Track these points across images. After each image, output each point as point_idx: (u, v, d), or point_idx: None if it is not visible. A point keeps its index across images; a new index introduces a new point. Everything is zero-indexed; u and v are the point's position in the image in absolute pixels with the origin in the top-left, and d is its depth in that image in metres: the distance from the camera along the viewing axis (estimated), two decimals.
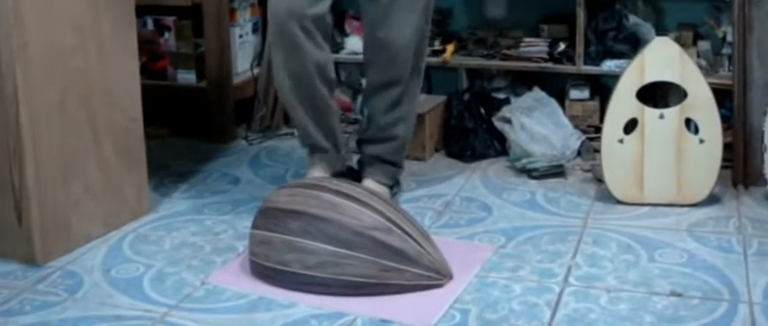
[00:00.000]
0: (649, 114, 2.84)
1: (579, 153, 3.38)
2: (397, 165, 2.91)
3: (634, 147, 2.86)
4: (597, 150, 3.33)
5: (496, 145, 3.42)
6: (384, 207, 2.43)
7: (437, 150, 3.49)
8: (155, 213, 2.93)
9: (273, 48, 2.68)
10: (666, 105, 2.90)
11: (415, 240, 2.38)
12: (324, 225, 2.35)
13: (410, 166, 3.29)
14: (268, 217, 2.43)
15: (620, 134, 2.87)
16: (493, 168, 3.32)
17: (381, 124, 2.84)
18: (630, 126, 2.86)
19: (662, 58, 2.81)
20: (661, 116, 2.83)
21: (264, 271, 2.42)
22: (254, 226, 2.46)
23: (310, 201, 2.40)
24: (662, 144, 2.84)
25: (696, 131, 2.85)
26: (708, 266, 2.48)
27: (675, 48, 2.83)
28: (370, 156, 2.88)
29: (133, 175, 2.85)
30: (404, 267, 2.34)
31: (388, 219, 2.39)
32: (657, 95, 2.95)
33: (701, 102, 2.81)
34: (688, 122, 2.85)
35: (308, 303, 2.32)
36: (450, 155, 3.44)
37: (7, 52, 2.42)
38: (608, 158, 2.90)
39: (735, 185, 3.04)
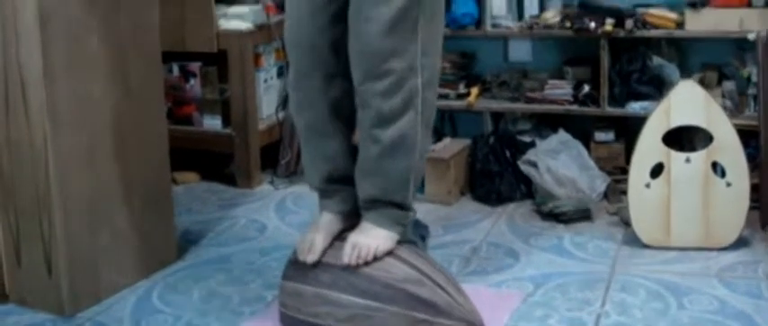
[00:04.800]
0: (675, 158, 2.84)
1: (606, 195, 3.37)
2: (398, 205, 2.45)
3: (661, 191, 2.86)
4: (623, 193, 3.32)
5: (522, 188, 3.42)
6: (414, 258, 2.43)
7: (463, 194, 3.49)
8: (182, 262, 2.94)
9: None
10: (693, 149, 2.89)
11: (445, 291, 2.38)
12: (354, 278, 2.36)
13: (437, 211, 3.31)
14: (297, 268, 2.43)
15: (647, 178, 2.86)
16: (519, 212, 3.32)
17: (367, 152, 2.40)
18: (657, 170, 2.86)
19: (687, 101, 2.82)
20: (687, 160, 2.83)
21: (295, 323, 2.42)
22: (285, 277, 2.46)
23: (339, 253, 2.40)
24: (689, 188, 2.84)
25: (723, 174, 2.84)
26: (737, 313, 2.46)
27: (700, 91, 2.83)
28: (363, 198, 2.45)
29: (161, 223, 2.87)
30: (435, 320, 2.34)
31: (419, 270, 2.39)
32: (684, 138, 2.95)
33: (728, 145, 2.81)
34: (714, 165, 2.84)
35: None
36: (477, 198, 3.44)
37: (36, 103, 2.45)
38: (635, 203, 2.89)
39: (763, 226, 3.03)
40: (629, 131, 3.47)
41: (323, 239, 2.44)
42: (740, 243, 2.88)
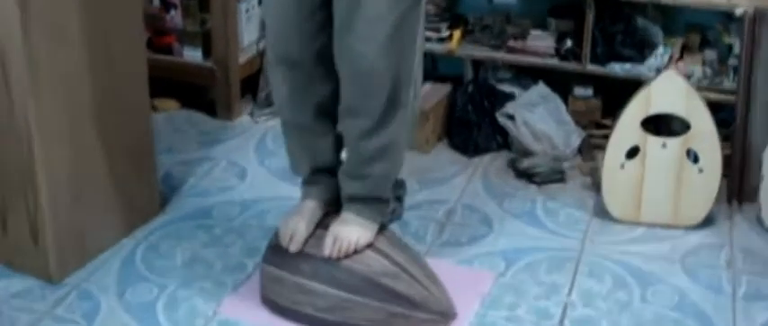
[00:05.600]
0: (652, 143, 2.90)
1: (580, 151, 3.44)
2: (380, 199, 2.52)
3: (635, 172, 2.94)
4: (597, 147, 3.41)
5: (499, 139, 3.48)
6: (391, 249, 2.51)
7: (440, 140, 3.54)
8: (164, 215, 3.00)
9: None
10: (669, 133, 2.96)
11: (421, 285, 2.48)
12: (335, 270, 2.44)
13: (412, 160, 3.34)
14: (279, 254, 2.51)
15: (623, 159, 2.94)
16: (494, 166, 3.39)
17: (354, 159, 2.45)
18: (633, 152, 2.93)
19: (668, 91, 2.86)
20: (663, 145, 2.90)
21: (276, 306, 2.52)
22: (266, 261, 2.54)
23: (320, 243, 2.48)
24: (662, 171, 2.92)
25: (696, 160, 2.92)
26: (698, 312, 2.59)
27: (682, 82, 2.87)
28: (347, 195, 2.51)
29: (144, 182, 2.92)
30: (410, 313, 2.44)
31: (396, 263, 2.48)
32: (662, 123, 3.00)
33: (704, 134, 2.88)
34: (688, 151, 2.91)
35: None
36: (453, 147, 3.50)
37: (17, 75, 2.43)
38: (608, 181, 2.97)
39: (729, 200, 3.13)
40: (608, 87, 3.51)
41: (305, 227, 2.51)
42: (706, 222, 2.99)
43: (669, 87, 2.86)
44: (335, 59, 2.30)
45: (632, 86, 3.06)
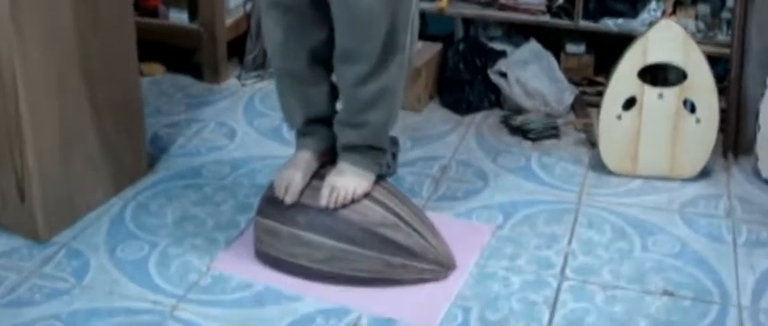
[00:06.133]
0: (649, 93, 2.86)
1: (573, 108, 3.40)
2: (376, 148, 2.46)
3: (631, 123, 2.90)
4: (590, 105, 3.37)
5: (491, 97, 3.44)
6: (390, 199, 2.46)
7: (431, 98, 3.49)
8: (154, 175, 2.94)
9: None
10: (666, 83, 2.92)
11: (420, 235, 2.43)
12: (331, 221, 2.39)
13: (405, 118, 3.29)
14: (274, 206, 2.45)
15: (619, 110, 2.89)
16: (487, 123, 3.34)
17: (350, 106, 2.38)
18: (630, 103, 2.89)
19: (665, 39, 2.82)
20: (660, 96, 2.86)
21: (271, 259, 2.46)
22: (260, 213, 2.48)
23: (316, 193, 2.42)
24: (659, 122, 2.88)
25: (693, 110, 2.88)
26: (699, 259, 2.55)
27: (679, 31, 2.83)
28: (343, 144, 2.44)
29: (132, 141, 2.86)
30: (409, 263, 2.40)
31: (395, 213, 2.43)
32: (658, 73, 2.96)
33: (701, 84, 2.84)
34: (685, 102, 2.88)
35: (314, 294, 2.38)
36: (445, 105, 3.45)
37: (4, 37, 2.36)
38: (605, 133, 2.93)
39: (725, 153, 3.09)
40: (600, 43, 3.46)
41: (301, 178, 2.45)
42: (703, 174, 2.95)
43: (666, 36, 2.82)
44: (331, 1, 2.24)
45: (625, 42, 3.01)
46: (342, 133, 2.43)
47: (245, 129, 3.27)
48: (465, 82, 3.41)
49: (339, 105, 2.48)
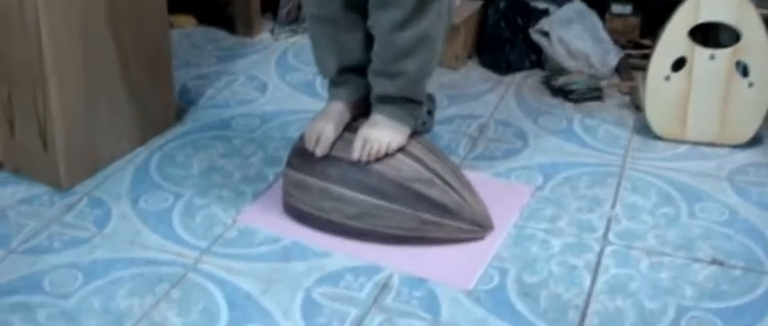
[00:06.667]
0: (700, 54, 2.72)
1: (617, 71, 3.26)
2: (413, 100, 2.35)
3: (680, 85, 2.76)
4: (635, 68, 3.23)
5: (532, 57, 3.31)
6: (425, 154, 2.34)
7: (470, 58, 3.37)
8: (181, 126, 2.84)
9: None
10: (718, 45, 2.77)
11: (456, 192, 2.31)
12: (364, 175, 2.28)
13: (442, 76, 3.19)
14: (304, 158, 2.34)
15: (668, 71, 2.75)
16: (527, 84, 3.21)
17: (386, 54, 2.26)
18: (679, 64, 2.75)
19: None
20: (712, 57, 2.71)
21: (300, 213, 2.36)
22: (290, 165, 2.38)
23: (349, 147, 2.31)
24: (709, 85, 2.74)
25: (745, 73, 2.74)
26: (749, 228, 2.42)
27: None
28: (377, 95, 2.34)
29: (160, 88, 2.76)
30: (444, 221, 2.28)
31: (430, 169, 2.31)
32: (710, 34, 2.82)
33: (755, 45, 2.69)
34: (738, 63, 2.73)
35: (343, 250, 2.28)
36: (484, 65, 3.32)
37: None
38: (653, 94, 2.80)
39: None
40: (647, 5, 3.32)
41: (333, 130, 2.34)
42: (754, 141, 2.81)
43: None
44: None
45: (673, 5, 2.85)
46: (376, 83, 2.31)
47: (276, 83, 3.17)
48: (505, 41, 3.28)
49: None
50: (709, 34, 2.82)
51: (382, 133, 2.29)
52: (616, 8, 3.34)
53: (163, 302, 2.09)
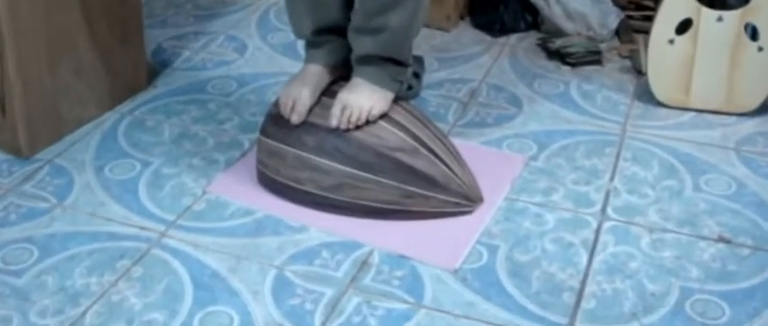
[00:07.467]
0: (707, 16, 2.54)
1: (617, 33, 3.09)
2: (397, 62, 2.18)
3: (685, 48, 2.58)
4: (636, 31, 3.06)
5: (527, 18, 3.13)
6: (410, 122, 2.18)
7: (462, 18, 3.19)
8: (153, 89, 2.68)
9: None
10: (725, 6, 2.59)
11: (443, 162, 2.15)
12: (342, 143, 2.11)
13: (432, 37, 3.02)
14: (280, 125, 2.18)
15: (672, 34, 2.58)
16: (522, 46, 3.03)
17: (367, 8, 2.09)
18: (684, 26, 2.57)
19: None
20: (719, 19, 2.54)
21: (274, 185, 2.19)
22: (264, 133, 2.21)
23: (327, 112, 2.14)
24: (716, 49, 2.56)
25: (754, 36, 2.56)
26: (758, 202, 2.26)
27: None
28: (358, 56, 2.17)
29: (129, 48, 2.58)
30: (429, 194, 2.12)
31: (415, 137, 2.14)
32: None
33: (766, 7, 2.51)
34: (746, 26, 2.55)
35: (320, 226, 2.12)
36: (477, 26, 3.15)
37: None
38: (655, 58, 2.62)
39: None
40: None
41: (310, 94, 2.17)
42: (763, 109, 2.64)
43: None
44: None
45: None
46: (357, 42, 2.13)
47: (257, 43, 2.99)
48: (499, 1, 3.10)
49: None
50: None
51: (363, 98, 2.12)
52: None
53: (122, 280, 1.93)
